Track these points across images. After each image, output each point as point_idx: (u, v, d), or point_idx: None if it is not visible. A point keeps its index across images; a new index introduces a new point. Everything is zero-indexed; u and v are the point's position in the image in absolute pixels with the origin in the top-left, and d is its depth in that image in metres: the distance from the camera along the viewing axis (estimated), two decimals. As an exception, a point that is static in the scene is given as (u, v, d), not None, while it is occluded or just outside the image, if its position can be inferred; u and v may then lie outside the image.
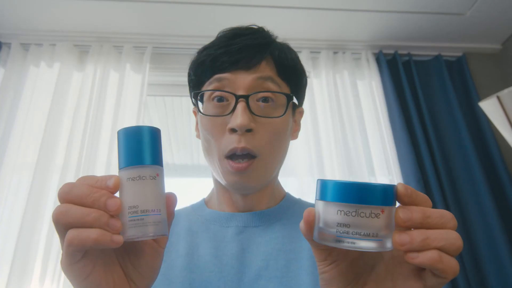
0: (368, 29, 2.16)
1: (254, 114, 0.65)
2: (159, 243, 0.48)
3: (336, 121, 2.00)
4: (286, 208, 0.75)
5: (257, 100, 0.66)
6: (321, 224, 0.39)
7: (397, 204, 0.39)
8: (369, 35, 2.21)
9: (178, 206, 0.79)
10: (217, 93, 0.67)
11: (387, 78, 2.11)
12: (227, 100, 0.67)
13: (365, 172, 1.90)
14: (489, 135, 2.04)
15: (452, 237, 0.37)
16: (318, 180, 0.40)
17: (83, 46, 2.08)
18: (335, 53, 2.20)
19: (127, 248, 0.46)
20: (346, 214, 0.37)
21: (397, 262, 0.41)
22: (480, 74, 2.25)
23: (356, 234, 0.36)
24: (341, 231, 0.37)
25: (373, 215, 0.36)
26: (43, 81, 1.95)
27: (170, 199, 0.45)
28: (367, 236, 0.36)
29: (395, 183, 0.39)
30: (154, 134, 0.44)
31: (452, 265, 0.36)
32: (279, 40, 0.76)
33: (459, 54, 2.29)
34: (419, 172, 1.89)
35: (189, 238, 0.70)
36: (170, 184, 0.45)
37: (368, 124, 2.05)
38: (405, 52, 2.24)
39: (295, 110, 0.76)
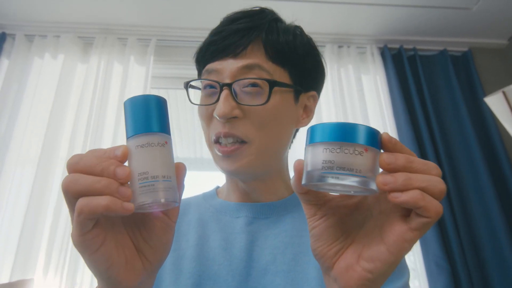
0: (373, 23, 2.15)
1: (238, 102, 0.64)
2: (170, 216, 0.46)
3: (340, 115, 1.99)
4: (296, 200, 0.73)
5: (245, 86, 0.65)
6: (308, 168, 0.40)
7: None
8: (374, 29, 2.19)
9: (185, 196, 0.79)
10: (205, 82, 0.68)
11: (392, 73, 2.10)
12: (216, 88, 0.66)
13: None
14: (493, 131, 2.03)
15: (434, 180, 0.37)
16: (308, 128, 0.41)
17: (87, 38, 2.07)
18: (339, 47, 2.19)
19: (137, 222, 0.45)
20: (330, 151, 0.38)
21: (385, 215, 0.42)
22: (486, 69, 2.24)
23: (340, 169, 0.37)
24: (326, 167, 0.38)
25: (356, 152, 0.37)
26: (47, 72, 1.95)
27: (180, 168, 0.44)
28: (350, 171, 0.37)
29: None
30: (161, 102, 0.44)
31: (434, 204, 0.37)
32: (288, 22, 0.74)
33: (465, 49, 2.27)
34: (423, 168, 1.88)
35: (200, 228, 0.70)
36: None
37: (372, 119, 2.04)
38: (410, 46, 2.23)
39: (299, 95, 0.73)
